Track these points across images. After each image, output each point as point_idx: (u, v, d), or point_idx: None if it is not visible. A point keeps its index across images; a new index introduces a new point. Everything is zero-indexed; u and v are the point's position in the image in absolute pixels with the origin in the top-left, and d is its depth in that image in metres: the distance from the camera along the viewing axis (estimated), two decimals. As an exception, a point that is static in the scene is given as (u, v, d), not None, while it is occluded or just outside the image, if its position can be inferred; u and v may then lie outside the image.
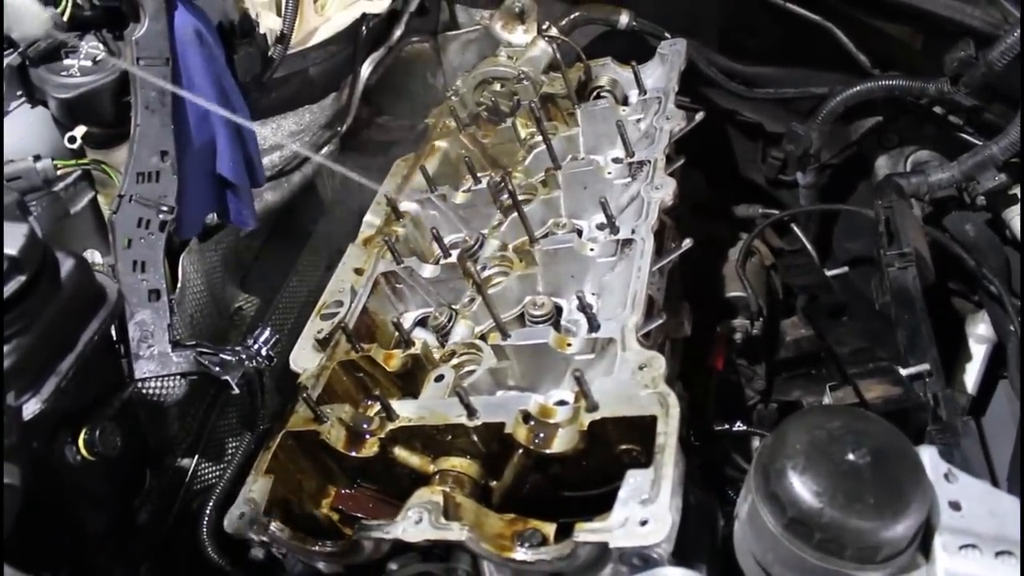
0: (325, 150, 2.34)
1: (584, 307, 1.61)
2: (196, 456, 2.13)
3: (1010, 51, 2.00)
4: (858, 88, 2.30)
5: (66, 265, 1.42)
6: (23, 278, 1.31)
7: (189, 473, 2.11)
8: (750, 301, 2.30)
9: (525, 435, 1.52)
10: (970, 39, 2.07)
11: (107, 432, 1.48)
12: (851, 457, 1.37)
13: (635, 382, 1.51)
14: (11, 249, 1.29)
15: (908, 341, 1.97)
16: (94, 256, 1.85)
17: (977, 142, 2.35)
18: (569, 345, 1.68)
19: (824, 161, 2.57)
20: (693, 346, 2.22)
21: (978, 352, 2.54)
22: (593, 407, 1.48)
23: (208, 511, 1.71)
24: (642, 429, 1.47)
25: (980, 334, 2.53)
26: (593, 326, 1.64)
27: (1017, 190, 2.29)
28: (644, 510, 1.32)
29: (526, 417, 1.54)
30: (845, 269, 2.48)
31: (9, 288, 1.28)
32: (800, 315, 2.46)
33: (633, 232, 1.80)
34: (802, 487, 1.35)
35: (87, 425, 1.46)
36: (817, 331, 2.26)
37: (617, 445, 1.52)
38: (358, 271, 2.24)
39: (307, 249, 2.61)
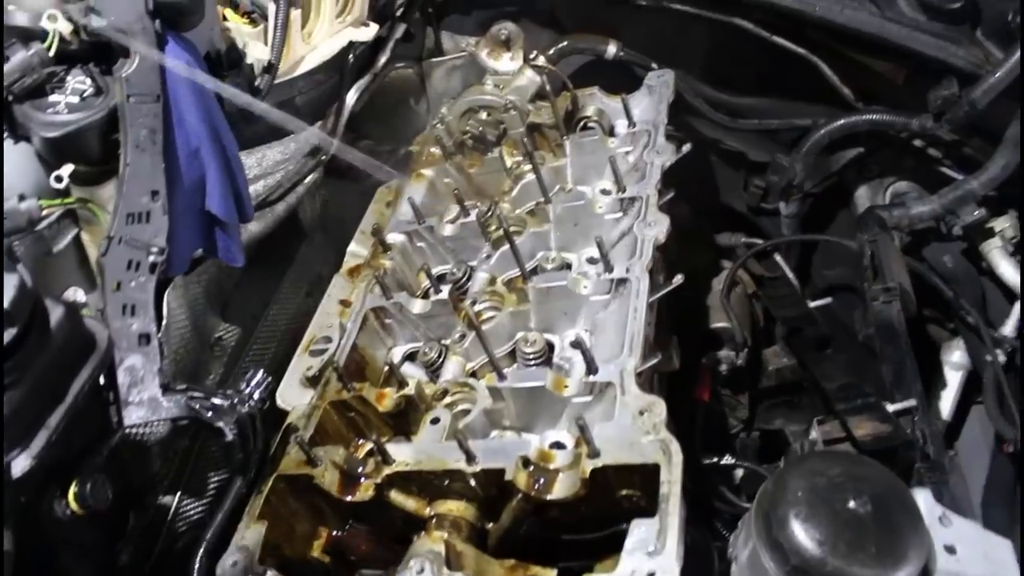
0: (309, 179, 2.31)
1: (584, 352, 1.61)
2: (179, 493, 2.09)
3: (992, 90, 2.04)
4: (843, 121, 2.34)
5: (55, 313, 1.38)
6: (14, 331, 1.27)
7: (172, 511, 2.06)
8: (735, 332, 2.32)
9: (525, 481, 1.51)
10: (953, 78, 2.11)
11: (98, 485, 1.43)
12: (852, 505, 1.39)
13: (636, 428, 1.50)
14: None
15: (893, 376, 2.00)
16: (77, 294, 1.80)
17: (955, 174, 2.40)
18: (566, 387, 1.67)
19: (806, 190, 2.60)
20: (678, 376, 2.23)
21: (953, 379, 2.59)
22: (595, 454, 1.48)
23: (199, 557, 1.66)
24: (643, 474, 1.47)
25: (955, 361, 2.58)
26: (591, 369, 1.63)
27: (994, 223, 2.34)
28: (651, 562, 1.33)
29: (525, 462, 1.53)
30: (828, 300, 2.51)
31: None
32: (781, 344, 2.48)
33: (628, 271, 1.79)
34: (805, 535, 1.37)
35: (77, 478, 1.42)
36: (803, 365, 2.28)
37: (617, 491, 1.52)
38: (344, 303, 2.21)
39: (288, 276, 2.57)
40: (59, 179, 1.59)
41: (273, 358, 2.40)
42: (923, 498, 1.53)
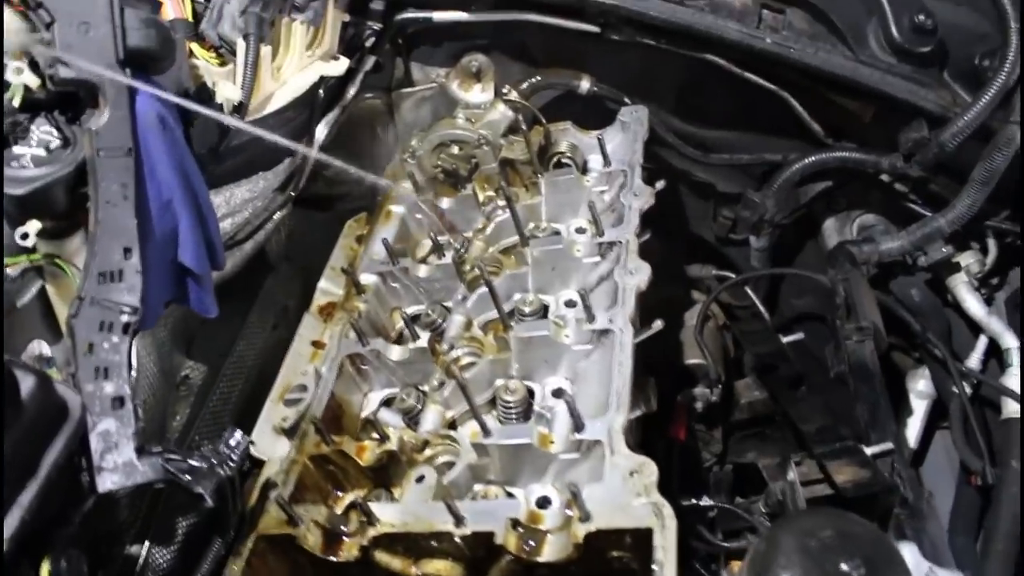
0: (277, 215, 2.25)
1: (571, 410, 1.59)
2: (146, 542, 2.02)
3: (961, 133, 2.08)
4: (814, 158, 2.36)
5: (26, 384, 1.31)
6: (-15, 411, 1.20)
7: (140, 562, 1.99)
8: (710, 369, 2.32)
9: (515, 543, 1.49)
10: (923, 120, 2.14)
11: (73, 561, 1.37)
12: (845, 568, 1.40)
13: (627, 490, 1.49)
14: (-29, 380, 1.19)
15: (869, 416, 2.02)
16: (41, 347, 1.72)
17: (920, 209, 2.44)
18: (552, 443, 1.65)
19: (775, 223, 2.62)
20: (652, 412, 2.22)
21: (918, 407, 2.63)
22: (587, 517, 1.46)
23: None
24: (635, 537, 1.46)
25: (920, 390, 2.63)
26: (578, 427, 1.61)
27: (960, 258, 2.39)
28: (649, 632, 1.31)
29: (515, 524, 1.51)
30: (800, 336, 2.54)
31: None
32: (753, 376, 2.49)
33: (611, 322, 1.78)
34: (798, 599, 1.37)
35: (50, 555, 1.36)
36: (777, 402, 2.29)
37: (608, 552, 1.51)
38: (316, 344, 2.16)
39: (254, 310, 2.50)
40: (25, 236, 1.51)
41: (240, 395, 2.34)
42: (910, 553, 1.55)
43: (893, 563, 1.44)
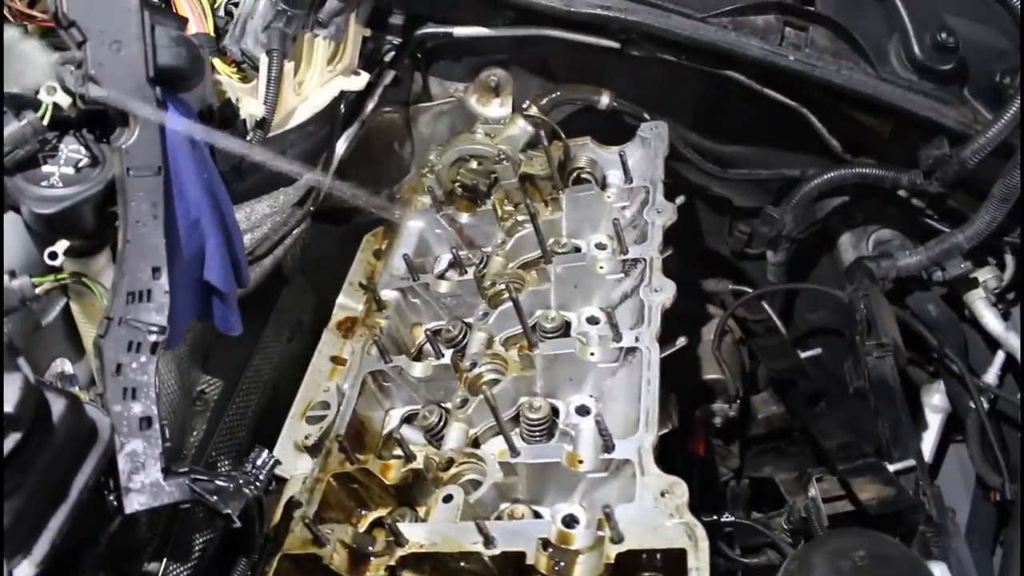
0: (296, 231, 2.24)
1: (602, 430, 1.58)
2: (164, 559, 2.01)
3: (982, 150, 2.07)
4: (833, 174, 2.35)
5: (57, 407, 1.30)
6: (18, 435, 1.19)
7: (159, 577, 1.98)
8: (728, 384, 2.32)
9: (545, 564, 1.49)
10: (944, 137, 2.14)
11: (102, 583, 1.37)
12: (878, 590, 1.39)
13: (659, 510, 1.48)
14: (6, 405, 1.17)
15: (891, 434, 2.02)
16: (65, 365, 1.72)
17: (937, 225, 2.44)
18: (581, 462, 1.64)
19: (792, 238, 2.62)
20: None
21: (933, 421, 2.64)
22: (619, 539, 1.45)
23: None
24: (667, 557, 1.46)
25: (935, 404, 2.63)
26: (608, 445, 1.61)
27: (978, 274, 2.39)
28: (685, 653, 1.31)
29: (545, 544, 1.50)
30: (818, 351, 2.53)
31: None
32: (769, 391, 2.49)
33: (637, 340, 1.77)
34: (832, 622, 1.37)
35: (78, 576, 1.35)
36: (796, 417, 2.29)
37: (638, 573, 1.50)
38: (336, 360, 2.16)
39: (270, 324, 2.49)
40: (53, 256, 1.50)
41: (256, 409, 2.34)
42: (940, 574, 1.54)
43: (925, 585, 1.43)
